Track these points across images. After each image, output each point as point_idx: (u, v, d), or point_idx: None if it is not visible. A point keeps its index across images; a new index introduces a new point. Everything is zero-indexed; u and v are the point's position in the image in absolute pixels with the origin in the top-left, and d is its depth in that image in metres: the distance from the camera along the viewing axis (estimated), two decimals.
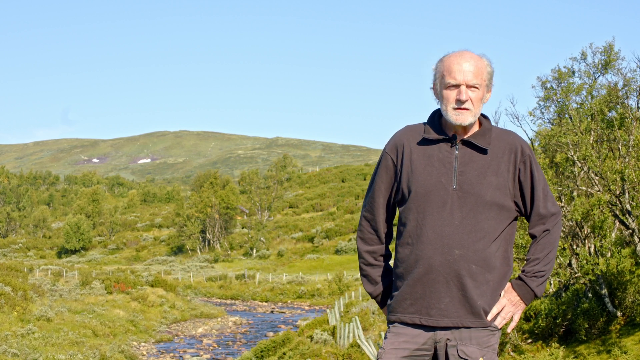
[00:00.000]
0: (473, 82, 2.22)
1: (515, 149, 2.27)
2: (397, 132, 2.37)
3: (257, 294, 38.76)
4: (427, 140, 2.28)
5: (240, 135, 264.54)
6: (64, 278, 38.11)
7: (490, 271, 2.24)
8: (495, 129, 2.31)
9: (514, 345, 9.42)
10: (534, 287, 2.27)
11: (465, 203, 2.22)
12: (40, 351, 15.97)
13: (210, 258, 56.30)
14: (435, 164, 2.26)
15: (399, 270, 2.30)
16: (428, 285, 2.23)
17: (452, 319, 2.23)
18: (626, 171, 8.38)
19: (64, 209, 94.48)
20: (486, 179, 2.23)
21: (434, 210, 2.23)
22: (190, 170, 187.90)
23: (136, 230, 72.69)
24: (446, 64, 2.24)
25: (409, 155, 2.29)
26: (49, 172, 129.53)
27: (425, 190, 2.24)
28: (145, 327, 23.52)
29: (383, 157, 2.36)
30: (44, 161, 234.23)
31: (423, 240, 2.23)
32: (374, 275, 2.40)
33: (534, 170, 2.27)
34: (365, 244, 2.40)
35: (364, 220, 2.40)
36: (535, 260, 2.27)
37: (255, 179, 66.12)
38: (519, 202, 2.29)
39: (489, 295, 2.24)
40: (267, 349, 16.33)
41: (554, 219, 2.29)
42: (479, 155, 2.25)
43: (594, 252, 9.02)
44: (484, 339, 2.24)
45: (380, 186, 2.35)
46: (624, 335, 8.58)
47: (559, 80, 9.94)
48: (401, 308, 2.29)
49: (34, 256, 63.92)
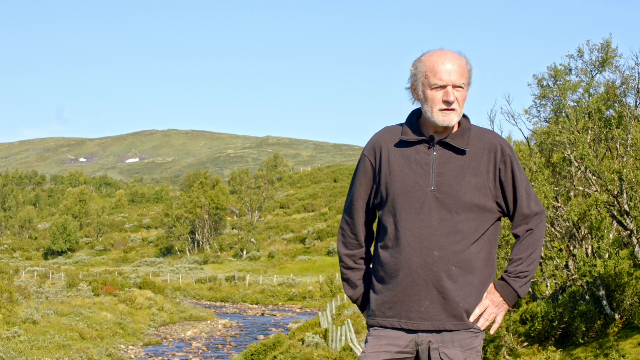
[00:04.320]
0: (459, 82, 2.19)
1: (494, 148, 2.24)
2: (375, 134, 2.35)
3: (247, 296, 38.56)
4: (405, 141, 2.27)
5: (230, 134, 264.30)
6: (50, 280, 37.76)
7: (472, 272, 2.21)
8: (475, 128, 2.28)
9: (509, 348, 9.28)
10: (517, 287, 2.24)
11: (443, 204, 2.20)
12: (26, 354, 15.75)
13: (199, 259, 55.99)
14: (412, 165, 2.24)
15: (378, 273, 2.28)
16: (408, 288, 2.21)
17: (432, 322, 2.20)
18: (624, 171, 8.25)
19: (50, 209, 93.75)
20: (465, 179, 2.21)
21: (411, 212, 2.21)
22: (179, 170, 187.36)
23: (124, 231, 72.25)
24: (429, 64, 2.20)
25: (386, 158, 2.27)
26: (35, 172, 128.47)
27: (403, 192, 2.23)
28: (133, 330, 23.27)
29: (362, 159, 2.34)
30: (29, 160, 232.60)
31: (402, 243, 2.21)
32: (354, 279, 2.39)
33: (515, 170, 2.25)
34: (346, 248, 2.38)
35: (344, 223, 2.39)
36: (519, 260, 2.24)
37: (245, 179, 65.89)
38: (501, 202, 2.26)
39: (471, 296, 2.22)
40: (258, 352, 16.16)
41: (538, 218, 2.27)
42: (457, 156, 2.23)
43: (591, 253, 8.89)
44: (466, 341, 2.22)
45: (360, 189, 2.33)
46: (622, 338, 8.46)
47: (555, 78, 9.81)
48: (380, 312, 2.26)
49: (19, 257, 63.33)
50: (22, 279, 34.67)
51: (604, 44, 9.63)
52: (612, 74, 9.58)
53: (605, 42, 9.64)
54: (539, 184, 8.85)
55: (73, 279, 33.05)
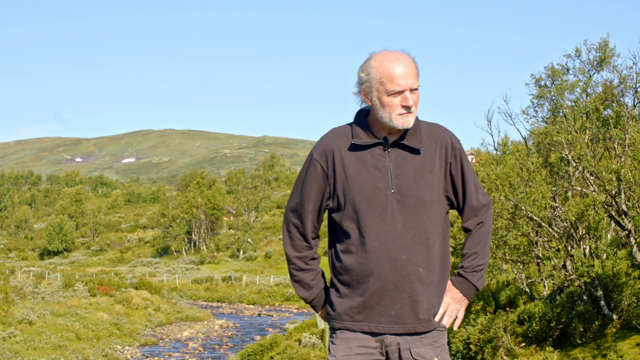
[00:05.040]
0: (415, 86, 2.19)
1: (445, 143, 2.26)
2: (324, 137, 2.30)
3: (244, 296, 38.49)
4: (358, 145, 2.24)
5: (227, 134, 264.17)
6: (46, 280, 37.63)
7: (434, 271, 2.23)
8: (423, 124, 2.29)
9: (507, 349, 9.25)
10: (475, 281, 2.27)
11: (405, 206, 2.20)
12: (22, 355, 15.71)
13: (196, 260, 55.88)
14: (370, 169, 2.22)
15: (342, 277, 2.26)
16: (377, 293, 2.20)
17: (403, 326, 2.21)
18: (622, 171, 8.23)
19: (46, 209, 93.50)
20: (422, 179, 2.22)
21: (375, 217, 2.20)
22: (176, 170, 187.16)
23: (120, 231, 72.07)
24: (382, 70, 2.18)
25: (340, 162, 2.24)
26: (31, 172, 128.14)
27: (364, 197, 2.21)
28: (129, 330, 23.20)
29: (312, 164, 2.28)
30: (25, 160, 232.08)
31: (368, 249, 2.20)
32: (307, 280, 2.36)
33: (464, 163, 2.28)
34: (295, 251, 2.35)
35: (292, 226, 2.34)
36: (474, 254, 2.27)
37: (242, 179, 65.82)
38: (450, 196, 2.29)
39: (434, 296, 2.24)
40: (254, 352, 16.11)
41: (486, 210, 2.30)
42: (413, 156, 2.23)
43: (589, 253, 8.87)
44: (435, 339, 2.25)
45: (310, 194, 2.29)
46: (620, 339, 8.43)
47: (552, 77, 9.78)
48: (348, 316, 2.25)
49: (15, 258, 63.14)
50: (18, 279, 34.53)
51: (601, 43, 9.61)
52: (610, 73, 9.57)
53: (603, 41, 9.62)
54: (536, 184, 8.83)
55: (69, 280, 32.94)
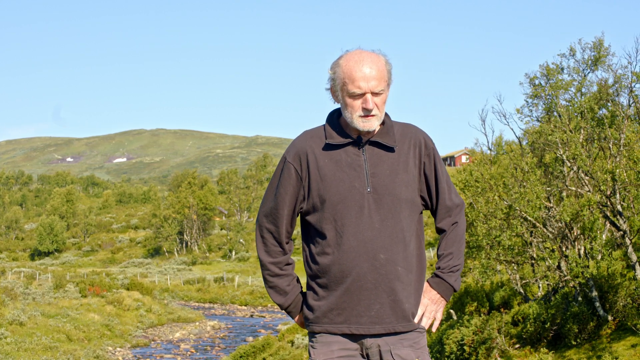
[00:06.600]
0: (378, 90, 2.15)
1: (419, 143, 2.25)
2: (297, 139, 2.28)
3: (236, 297, 38.35)
4: (332, 145, 2.22)
5: (219, 133, 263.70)
6: (37, 281, 37.40)
7: (412, 271, 2.22)
8: (396, 123, 2.28)
9: (501, 350, 9.20)
10: (452, 282, 2.26)
11: (382, 205, 2.19)
12: (12, 356, 15.59)
13: (187, 260, 55.65)
14: (345, 169, 2.20)
15: (320, 280, 2.24)
16: (356, 294, 2.18)
17: (384, 326, 2.19)
18: (617, 171, 8.20)
19: (37, 209, 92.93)
20: (398, 177, 2.21)
21: (352, 216, 2.18)
22: (167, 170, 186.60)
23: (111, 231, 71.74)
24: (346, 71, 2.16)
25: (314, 163, 2.22)
26: (22, 172, 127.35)
27: (340, 197, 2.19)
28: (120, 331, 23.06)
29: (285, 167, 2.26)
30: (16, 160, 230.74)
31: (345, 249, 2.18)
32: (282, 286, 2.33)
33: (437, 163, 2.27)
34: (270, 256, 2.33)
35: (266, 232, 2.31)
36: (449, 255, 2.26)
37: (234, 179, 65.66)
38: (425, 195, 2.28)
39: (412, 296, 2.23)
40: (247, 354, 16.04)
41: (459, 210, 2.30)
42: (387, 154, 2.22)
43: (584, 254, 8.83)
44: (415, 340, 2.24)
45: (285, 197, 2.26)
46: (615, 340, 8.40)
47: (547, 77, 9.74)
48: (327, 319, 2.23)
49: (6, 258, 62.69)
50: (8, 280, 34.28)
51: (596, 42, 9.57)
52: (605, 72, 9.54)
53: (597, 40, 9.59)
54: (531, 184, 8.77)
55: (60, 280, 32.74)
